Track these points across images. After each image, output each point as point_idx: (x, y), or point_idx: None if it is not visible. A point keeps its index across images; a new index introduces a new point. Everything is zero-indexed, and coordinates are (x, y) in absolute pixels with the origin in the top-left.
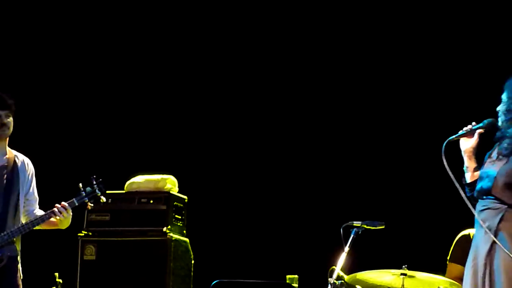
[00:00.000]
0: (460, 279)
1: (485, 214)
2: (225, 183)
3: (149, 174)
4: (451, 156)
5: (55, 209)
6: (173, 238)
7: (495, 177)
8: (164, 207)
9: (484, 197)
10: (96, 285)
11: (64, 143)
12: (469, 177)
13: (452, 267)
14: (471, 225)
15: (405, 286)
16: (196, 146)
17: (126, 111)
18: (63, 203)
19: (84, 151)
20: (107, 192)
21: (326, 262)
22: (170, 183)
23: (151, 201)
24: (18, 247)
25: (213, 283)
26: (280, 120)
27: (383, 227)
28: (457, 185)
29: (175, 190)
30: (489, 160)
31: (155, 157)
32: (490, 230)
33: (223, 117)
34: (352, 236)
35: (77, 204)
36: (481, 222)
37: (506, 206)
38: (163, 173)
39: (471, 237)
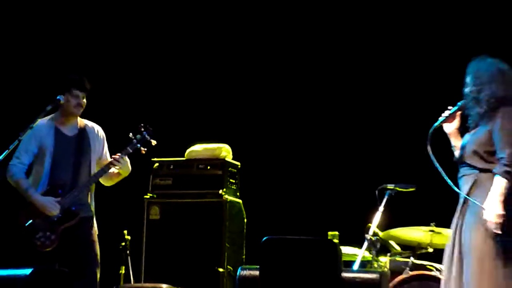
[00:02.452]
0: None
1: (462, 180)
2: (273, 151)
3: (207, 143)
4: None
5: (112, 159)
6: (228, 200)
7: (465, 145)
8: (220, 172)
9: (460, 165)
10: (159, 241)
11: (134, 116)
12: (457, 154)
13: None
14: None
15: (433, 242)
16: (248, 118)
17: (187, 88)
18: (116, 154)
19: (150, 123)
20: (170, 159)
21: (363, 220)
22: (225, 151)
23: (208, 167)
24: (92, 208)
25: (263, 239)
26: (323, 90)
27: (414, 189)
28: (439, 168)
29: (229, 157)
30: (466, 134)
31: (212, 128)
32: (464, 193)
33: (272, 93)
34: (386, 197)
35: (131, 151)
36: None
37: (477, 171)
38: (219, 142)
39: None
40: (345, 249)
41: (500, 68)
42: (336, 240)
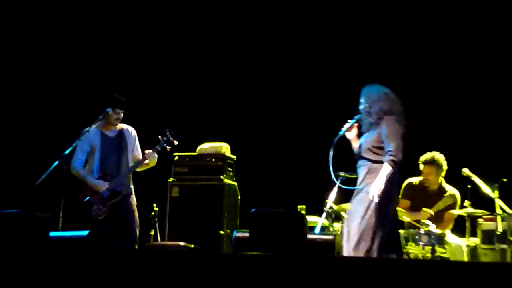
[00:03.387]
0: (406, 208)
1: (359, 169)
2: (260, 149)
3: (212, 142)
4: None
5: (145, 155)
6: (226, 183)
7: (361, 144)
8: (221, 163)
9: (358, 159)
10: (178, 212)
11: (161, 123)
12: (356, 152)
13: (403, 201)
14: (414, 175)
15: None
16: (242, 125)
17: (199, 102)
18: (147, 151)
19: (173, 128)
20: (186, 154)
21: (322, 197)
22: (225, 148)
23: (213, 160)
24: (131, 186)
25: (252, 210)
26: (289, 100)
27: None
28: (332, 173)
29: (228, 153)
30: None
31: (216, 131)
32: (360, 179)
33: (259, 107)
34: (339, 180)
35: (159, 149)
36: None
37: (370, 163)
38: (221, 141)
39: (413, 183)
40: (310, 218)
41: (385, 91)
42: (303, 212)
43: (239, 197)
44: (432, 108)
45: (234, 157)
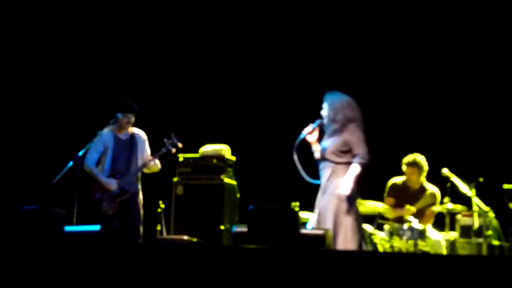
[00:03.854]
0: (391, 206)
1: (323, 171)
2: (258, 151)
3: (213, 144)
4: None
5: (147, 161)
6: (227, 182)
7: (325, 148)
8: (222, 164)
9: (321, 162)
10: (182, 209)
11: (168, 126)
12: (317, 156)
13: (388, 199)
14: (397, 175)
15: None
16: (242, 130)
17: (203, 108)
18: (149, 157)
19: (177, 131)
20: (190, 155)
21: (314, 195)
22: (225, 150)
23: (214, 160)
24: (139, 185)
25: (250, 207)
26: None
27: None
28: (301, 171)
29: (228, 154)
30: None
31: (218, 134)
32: (324, 179)
33: (258, 114)
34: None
35: (165, 151)
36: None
37: (334, 164)
38: (221, 144)
39: (397, 183)
40: (303, 214)
41: (347, 99)
42: (297, 208)
43: (238, 195)
44: (415, 113)
45: (234, 158)
